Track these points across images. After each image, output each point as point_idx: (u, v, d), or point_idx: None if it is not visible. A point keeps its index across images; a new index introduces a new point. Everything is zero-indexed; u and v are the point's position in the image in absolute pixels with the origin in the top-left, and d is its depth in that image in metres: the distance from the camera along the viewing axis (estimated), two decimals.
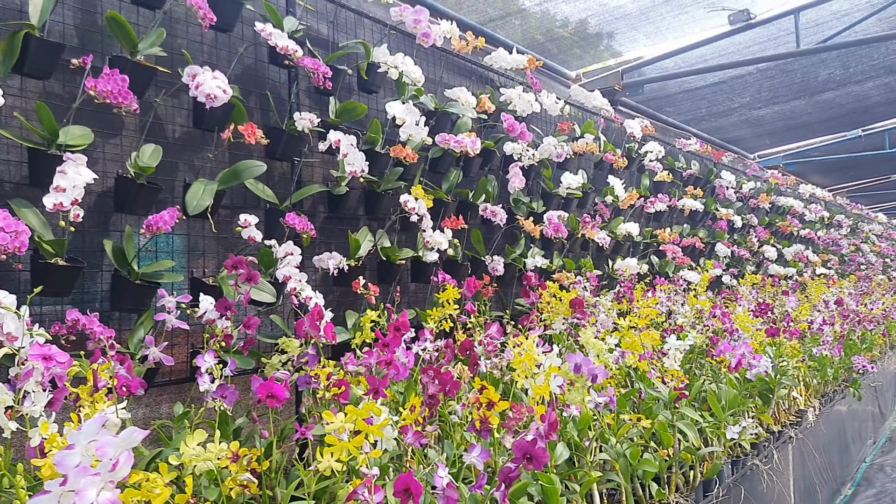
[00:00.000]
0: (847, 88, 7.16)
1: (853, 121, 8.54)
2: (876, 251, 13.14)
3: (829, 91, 7.16)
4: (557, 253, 4.38)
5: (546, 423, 1.44)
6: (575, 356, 2.07)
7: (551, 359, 1.92)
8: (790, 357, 3.74)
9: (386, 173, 3.07)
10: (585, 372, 2.07)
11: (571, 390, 2.10)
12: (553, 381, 1.92)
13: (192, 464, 1.40)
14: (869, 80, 6.97)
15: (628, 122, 5.00)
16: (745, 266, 7.17)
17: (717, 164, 6.86)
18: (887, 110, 8.26)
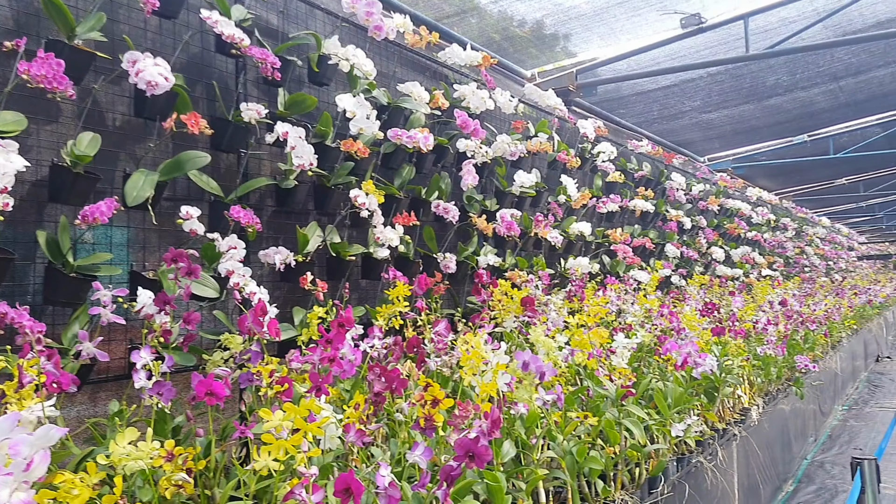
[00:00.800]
0: (794, 94, 7.34)
1: (799, 126, 8.77)
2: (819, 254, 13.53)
3: (777, 96, 7.33)
4: (510, 251, 4.38)
5: (489, 421, 1.42)
6: (523, 354, 2.05)
7: (499, 356, 1.90)
8: (735, 356, 3.81)
9: (336, 168, 3.02)
10: (533, 370, 2.05)
11: (519, 388, 2.08)
12: (500, 378, 1.90)
13: (122, 463, 1.34)
14: (815, 86, 7.16)
15: (581, 122, 5.03)
16: (693, 267, 7.29)
17: (667, 166, 6.96)
18: (831, 116, 8.51)
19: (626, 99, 6.75)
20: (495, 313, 3.33)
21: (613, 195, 5.57)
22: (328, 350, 1.73)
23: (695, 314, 3.76)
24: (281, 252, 2.62)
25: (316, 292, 2.72)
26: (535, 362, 2.05)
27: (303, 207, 3.09)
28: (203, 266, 2.48)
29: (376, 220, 2.98)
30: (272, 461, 1.28)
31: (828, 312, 7.66)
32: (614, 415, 2.48)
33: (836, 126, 9.16)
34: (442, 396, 1.52)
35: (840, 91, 7.48)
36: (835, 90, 7.42)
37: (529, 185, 4.21)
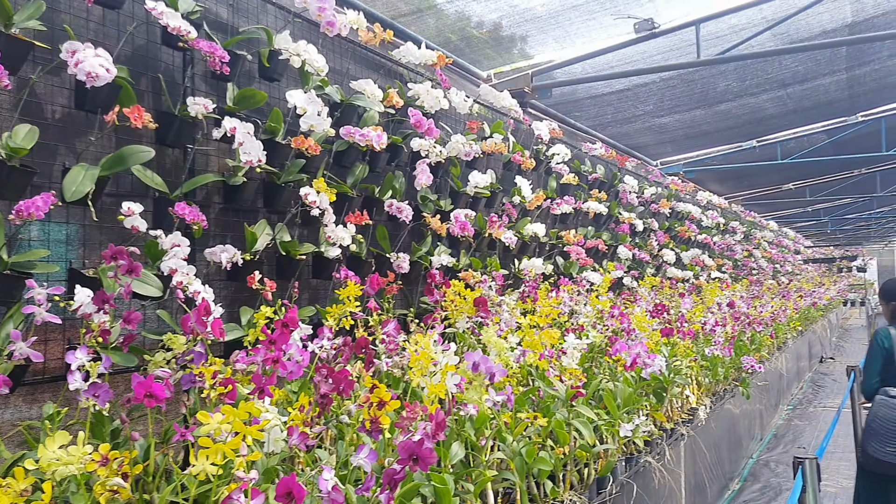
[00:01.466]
0: (743, 100, 7.50)
1: (749, 132, 8.98)
2: (767, 257, 13.88)
3: (727, 102, 7.48)
4: (464, 252, 4.38)
5: (433, 423, 1.40)
6: (473, 355, 2.04)
7: (448, 357, 1.89)
8: (683, 357, 3.86)
9: (287, 165, 2.97)
10: (483, 370, 2.04)
11: (469, 389, 2.07)
12: (450, 379, 1.89)
13: (52, 469, 1.29)
14: (763, 92, 7.33)
15: (536, 123, 5.05)
16: (645, 268, 7.39)
17: (621, 168, 7.05)
18: (779, 122, 8.73)
19: (581, 102, 6.82)
20: (448, 314, 3.32)
21: (567, 197, 5.60)
22: (272, 351, 1.69)
23: (645, 315, 3.80)
24: (228, 250, 2.57)
25: (264, 292, 2.66)
26: (485, 363, 2.04)
27: (252, 205, 3.03)
28: (147, 264, 2.41)
29: (327, 218, 2.93)
30: (210, 465, 1.24)
31: (774, 314, 7.85)
32: (564, 415, 2.49)
33: (783, 132, 9.40)
34: (388, 398, 1.49)
35: (787, 98, 7.67)
36: (782, 97, 7.61)
37: (484, 186, 4.20)
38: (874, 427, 3.44)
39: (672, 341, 3.67)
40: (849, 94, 8.00)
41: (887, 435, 3.34)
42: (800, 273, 18.62)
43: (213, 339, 2.01)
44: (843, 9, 5.49)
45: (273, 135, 2.94)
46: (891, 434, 3.33)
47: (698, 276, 8.96)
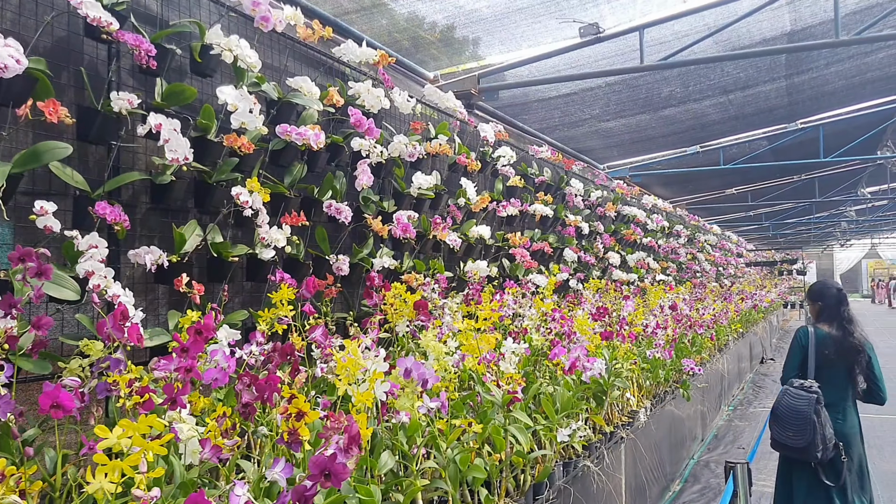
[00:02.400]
0: (687, 106, 7.63)
1: (692, 137, 9.14)
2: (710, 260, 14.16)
3: (671, 107, 7.59)
4: (408, 254, 4.32)
5: (346, 437, 1.34)
6: (405, 360, 1.99)
7: (378, 364, 1.83)
8: (624, 360, 3.88)
9: (219, 164, 2.87)
10: (416, 377, 1.99)
11: (402, 396, 2.02)
12: (379, 387, 1.83)
13: None
14: (706, 98, 7.45)
15: (482, 125, 5.03)
16: (591, 271, 7.45)
17: (567, 171, 7.08)
18: (722, 128, 8.90)
19: (529, 105, 6.83)
20: (389, 317, 3.26)
21: (514, 199, 5.60)
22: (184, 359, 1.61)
23: (587, 318, 3.80)
24: (153, 252, 2.46)
25: (192, 295, 2.57)
26: (418, 369, 1.99)
27: (182, 205, 2.92)
28: (65, 266, 2.29)
29: (261, 219, 2.85)
30: (108, 483, 1.16)
31: (716, 316, 7.99)
32: (501, 421, 2.45)
33: (726, 138, 9.60)
34: (307, 409, 1.43)
35: (730, 104, 7.83)
36: (724, 103, 7.76)
37: (428, 187, 4.15)
38: (778, 413, 3.71)
39: (612, 344, 3.67)
40: (788, 102, 8.21)
41: (787, 420, 3.63)
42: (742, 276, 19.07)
43: (134, 345, 1.92)
44: (783, 17, 5.61)
45: (205, 132, 2.84)
46: (789, 420, 3.62)
47: (643, 279, 9.08)
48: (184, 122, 2.84)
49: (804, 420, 3.56)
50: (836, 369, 3.85)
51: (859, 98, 8.88)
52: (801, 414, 3.58)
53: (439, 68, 5.59)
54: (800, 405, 3.60)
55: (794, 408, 3.61)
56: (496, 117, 6.23)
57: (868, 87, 8.35)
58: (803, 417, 3.57)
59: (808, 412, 3.56)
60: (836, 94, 8.43)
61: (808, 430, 3.55)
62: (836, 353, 3.84)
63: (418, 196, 4.34)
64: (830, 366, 3.85)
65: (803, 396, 3.62)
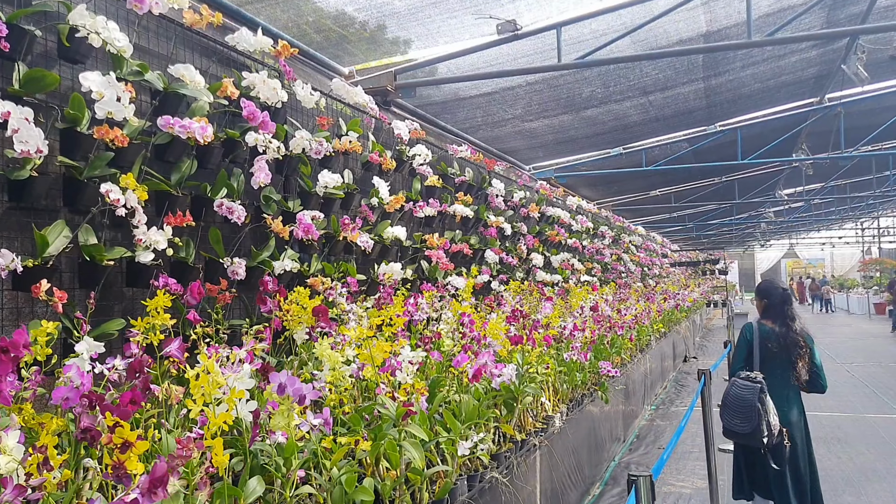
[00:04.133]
0: (608, 106, 7.63)
1: (615, 138, 9.19)
2: (635, 261, 14.36)
3: (593, 108, 7.59)
4: (317, 257, 4.11)
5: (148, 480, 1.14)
6: (278, 375, 1.79)
7: (241, 381, 1.63)
8: (538, 364, 3.76)
9: (91, 158, 2.61)
10: (290, 392, 1.80)
11: (276, 414, 1.82)
12: (243, 406, 1.63)
13: None
14: (627, 99, 7.47)
15: (396, 122, 4.86)
16: (514, 273, 7.37)
17: (490, 172, 6.98)
18: (643, 130, 8.98)
19: (449, 104, 6.69)
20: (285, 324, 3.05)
21: (433, 200, 5.44)
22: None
23: (501, 321, 3.67)
24: (4, 255, 2.19)
25: (53, 303, 2.31)
26: (293, 384, 1.80)
27: (50, 204, 2.64)
28: None
29: (138, 219, 2.60)
30: None
31: (637, 317, 8.03)
32: (396, 436, 2.28)
33: (648, 140, 9.71)
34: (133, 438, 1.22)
35: (650, 105, 7.88)
36: (645, 104, 7.81)
37: (335, 186, 3.95)
38: (727, 402, 4.03)
39: (525, 348, 3.55)
40: (707, 104, 8.32)
41: (735, 409, 3.94)
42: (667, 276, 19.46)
43: None
44: (698, 18, 5.64)
45: (74, 124, 2.58)
46: (737, 408, 3.93)
47: (568, 280, 9.07)
48: (50, 112, 2.58)
49: (749, 408, 3.85)
50: (778, 361, 4.15)
51: (775, 101, 9.11)
52: (747, 402, 3.87)
53: (354, 63, 5.39)
54: (745, 394, 3.89)
55: (740, 397, 3.91)
56: (417, 116, 6.07)
57: (783, 90, 8.56)
58: (749, 406, 3.85)
59: (752, 401, 3.85)
60: (753, 96, 8.61)
61: (753, 417, 3.83)
62: (778, 347, 4.15)
63: (327, 196, 4.14)
64: (773, 358, 4.16)
65: (748, 387, 3.91)
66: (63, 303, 2.31)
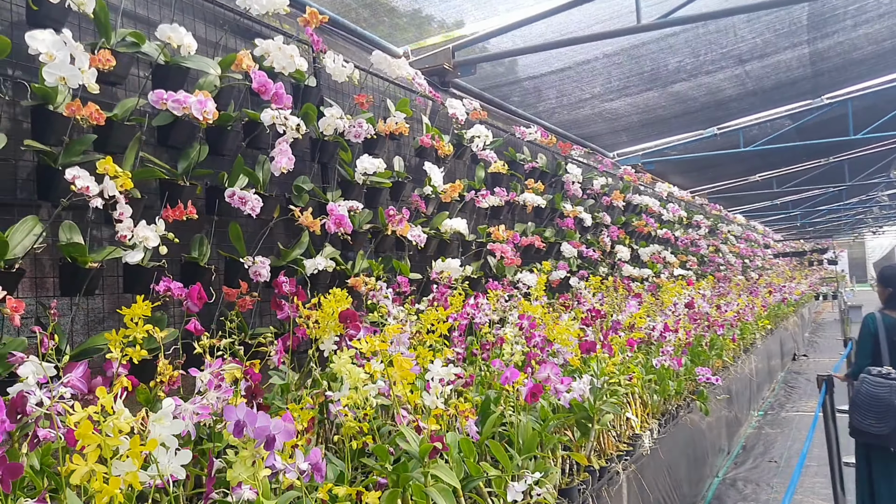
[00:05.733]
0: (699, 79, 6.85)
1: (708, 117, 8.34)
2: (735, 252, 13.29)
3: (681, 82, 6.82)
4: (362, 254, 3.64)
5: None
6: (234, 410, 1.30)
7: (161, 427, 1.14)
8: (622, 373, 3.15)
9: (65, 141, 2.20)
10: (251, 433, 1.30)
11: (237, 462, 1.33)
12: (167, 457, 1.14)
13: None
14: (720, 70, 6.67)
15: (451, 101, 4.33)
16: (597, 267, 6.70)
17: (565, 157, 6.35)
18: (740, 106, 8.09)
19: (518, 84, 6.11)
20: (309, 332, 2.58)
21: (499, 189, 4.89)
22: None
23: (572, 323, 3.08)
24: None
25: (10, 316, 1.90)
26: (253, 422, 1.30)
27: (24, 197, 2.26)
28: None
29: (120, 211, 2.17)
30: None
31: (740, 313, 7.19)
32: (421, 479, 1.75)
33: (745, 118, 8.79)
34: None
35: (747, 77, 7.03)
36: (741, 76, 6.97)
37: (375, 172, 3.47)
38: (857, 401, 3.73)
39: (600, 356, 2.95)
40: (812, 72, 7.38)
41: (866, 407, 3.67)
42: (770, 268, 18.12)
43: None
44: None
45: (45, 101, 2.18)
46: (869, 406, 3.66)
47: (659, 274, 8.30)
48: (19, 87, 2.20)
49: (886, 407, 3.59)
50: None
51: (892, 66, 8.02)
52: (883, 401, 3.61)
53: (408, 42, 4.91)
54: (881, 392, 3.62)
55: (874, 395, 3.64)
56: (482, 99, 5.52)
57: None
58: (885, 405, 3.59)
59: (889, 399, 3.58)
60: (866, 61, 7.58)
61: (890, 416, 3.57)
62: None
63: (372, 185, 3.66)
64: None
65: (883, 384, 3.64)
66: (19, 314, 1.90)
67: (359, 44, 4.21)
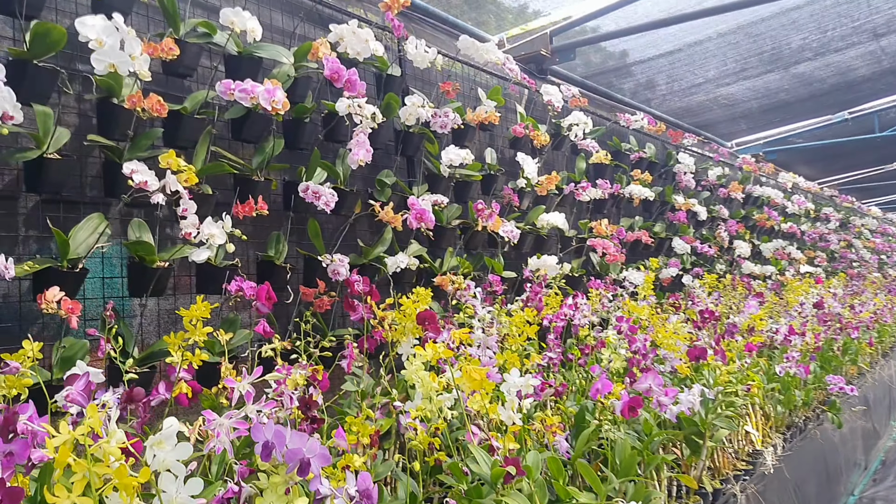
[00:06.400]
0: (826, 58, 6.23)
1: (837, 100, 7.61)
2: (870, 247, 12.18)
3: (806, 61, 6.23)
4: (451, 251, 3.44)
5: None
6: (262, 429, 1.12)
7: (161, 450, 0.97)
8: (739, 381, 2.79)
9: (130, 134, 2.12)
10: (280, 457, 1.12)
11: (268, 490, 1.15)
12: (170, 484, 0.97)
13: None
14: (851, 47, 6.03)
15: (545, 87, 4.05)
16: (714, 265, 6.22)
17: (676, 146, 5.92)
18: (874, 86, 7.32)
19: (622, 71, 5.76)
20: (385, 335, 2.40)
21: (601, 181, 4.57)
22: None
23: (680, 326, 2.76)
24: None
25: (68, 318, 1.82)
26: (283, 443, 1.12)
27: (94, 195, 2.20)
28: None
29: (185, 207, 2.06)
30: None
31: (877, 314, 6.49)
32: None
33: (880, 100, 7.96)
34: None
35: (882, 53, 6.33)
36: (876, 52, 6.28)
37: (466, 165, 3.26)
38: None
39: (713, 364, 2.61)
40: None
41: None
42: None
43: None
44: None
45: (110, 94, 2.10)
46: None
47: (784, 272, 7.64)
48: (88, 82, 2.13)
49: None
50: None
51: None
52: None
53: (504, 30, 4.68)
54: None
55: None
56: (584, 87, 5.20)
57: None
58: None
59: None
60: None
61: None
62: None
63: (462, 179, 3.46)
64: None
65: None
66: (76, 315, 1.82)
67: (449, 32, 4.02)
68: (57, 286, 1.86)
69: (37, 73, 1.89)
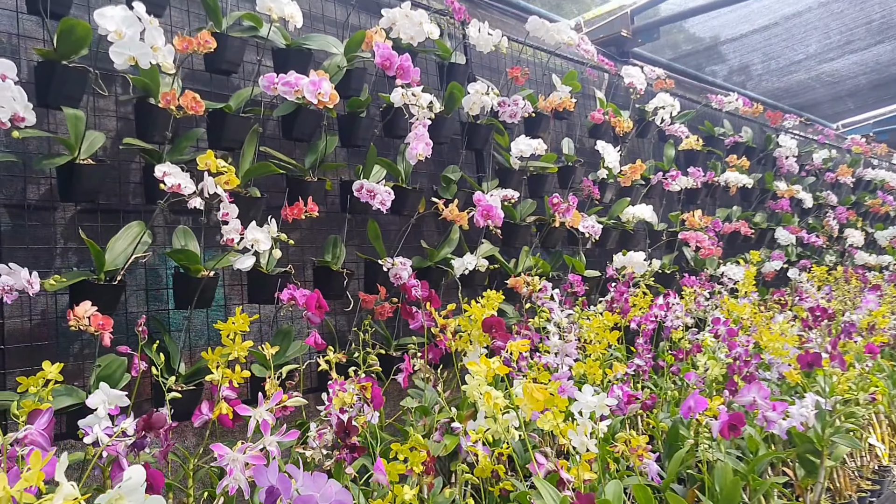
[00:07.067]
0: None
1: None
2: None
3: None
4: (527, 250, 3.20)
5: None
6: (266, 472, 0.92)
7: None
8: (860, 389, 2.42)
9: (168, 136, 1.99)
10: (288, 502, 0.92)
11: None
12: None
13: None
14: None
15: (626, 69, 3.74)
16: (823, 256, 5.69)
17: (776, 128, 5.44)
18: None
19: (715, 50, 5.34)
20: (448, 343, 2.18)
21: (693, 168, 4.20)
22: None
23: (787, 327, 2.41)
24: (14, 272, 1.62)
25: (100, 335, 1.70)
26: (289, 489, 0.91)
27: (137, 202, 2.08)
28: None
29: (226, 212, 1.91)
30: None
31: None
32: None
33: None
34: None
35: None
36: None
37: (540, 157, 3.01)
38: None
39: (829, 370, 2.25)
40: None
41: None
42: None
43: None
44: None
45: (146, 94, 1.98)
46: None
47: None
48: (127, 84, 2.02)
49: None
50: None
51: None
52: None
53: (583, 13, 4.39)
54: None
55: None
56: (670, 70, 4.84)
57: None
58: None
59: None
60: None
61: None
62: None
63: (536, 171, 3.21)
64: None
65: None
66: (107, 332, 1.69)
67: (518, 16, 3.77)
68: (90, 300, 1.74)
69: (65, 73, 1.78)
